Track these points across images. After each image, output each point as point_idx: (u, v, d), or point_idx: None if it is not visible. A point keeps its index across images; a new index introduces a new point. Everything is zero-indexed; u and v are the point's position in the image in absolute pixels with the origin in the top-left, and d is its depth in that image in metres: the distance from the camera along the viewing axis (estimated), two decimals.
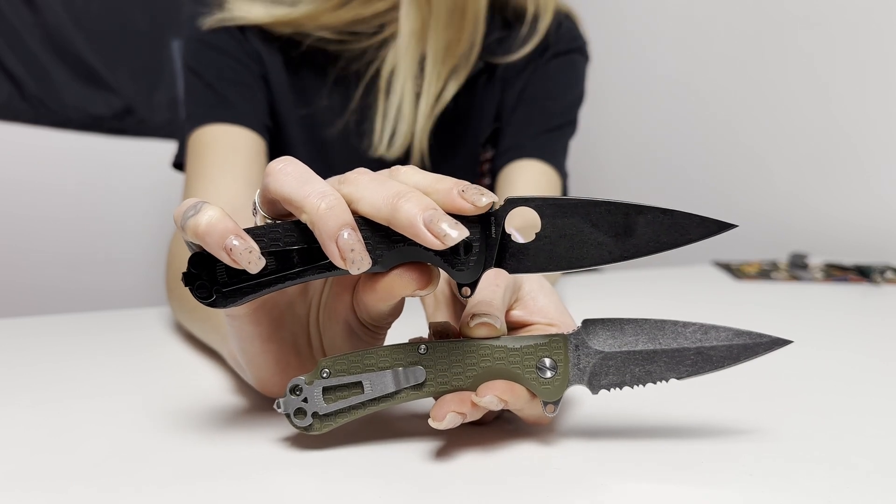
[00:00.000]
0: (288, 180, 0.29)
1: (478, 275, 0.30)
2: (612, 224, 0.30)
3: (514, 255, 0.31)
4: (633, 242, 0.30)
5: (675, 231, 0.30)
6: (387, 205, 0.29)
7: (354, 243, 0.28)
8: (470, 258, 0.30)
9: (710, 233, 0.30)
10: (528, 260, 0.31)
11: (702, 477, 0.31)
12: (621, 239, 0.30)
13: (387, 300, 0.31)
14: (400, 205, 0.28)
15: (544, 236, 0.31)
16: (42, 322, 0.60)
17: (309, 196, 0.29)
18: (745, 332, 0.33)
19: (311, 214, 0.28)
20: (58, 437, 0.35)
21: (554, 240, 0.30)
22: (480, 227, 0.30)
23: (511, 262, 0.31)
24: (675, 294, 0.78)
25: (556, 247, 0.30)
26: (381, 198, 0.29)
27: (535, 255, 0.31)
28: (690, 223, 0.30)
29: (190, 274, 0.30)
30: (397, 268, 0.30)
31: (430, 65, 0.67)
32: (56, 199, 1.35)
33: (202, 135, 0.66)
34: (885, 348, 0.54)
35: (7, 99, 1.29)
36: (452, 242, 0.28)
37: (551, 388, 0.32)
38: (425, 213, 0.28)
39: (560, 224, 0.30)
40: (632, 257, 0.30)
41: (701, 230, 0.30)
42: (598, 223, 0.30)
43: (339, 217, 0.28)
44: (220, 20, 0.68)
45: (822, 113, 1.10)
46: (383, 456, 0.33)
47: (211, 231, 0.28)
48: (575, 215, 0.30)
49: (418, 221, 0.28)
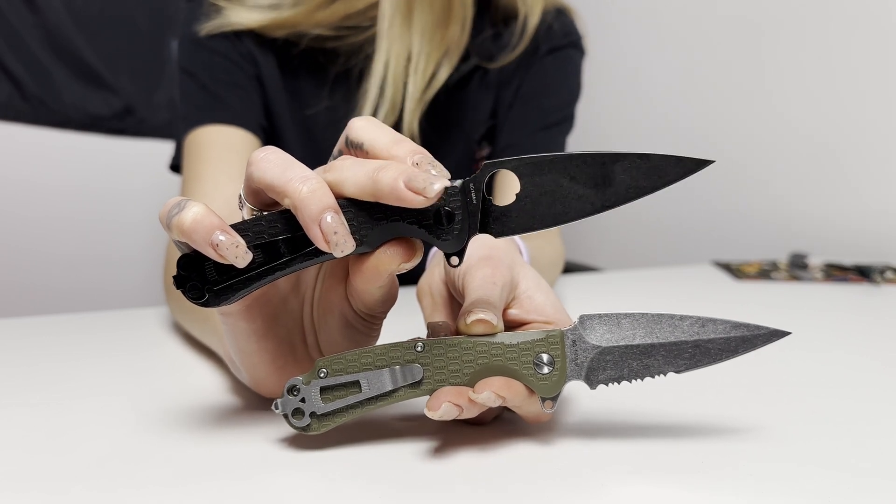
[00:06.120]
0: (270, 167, 0.30)
1: (463, 243, 0.31)
2: (591, 175, 0.30)
3: (498, 219, 0.31)
4: (613, 191, 0.30)
5: (653, 174, 0.30)
6: (368, 179, 0.29)
7: (337, 226, 0.28)
8: (453, 227, 0.30)
9: (688, 171, 0.30)
10: (511, 221, 0.31)
11: (702, 478, 0.31)
12: (601, 189, 0.30)
13: (376, 279, 0.31)
14: (380, 176, 0.29)
15: (525, 196, 0.31)
16: (42, 322, 0.60)
17: (291, 181, 0.29)
18: (743, 325, 0.33)
19: (293, 199, 0.29)
20: (57, 437, 0.35)
21: (535, 198, 0.31)
22: (461, 195, 0.30)
23: (495, 226, 0.31)
24: (675, 294, 0.78)
25: (538, 205, 0.31)
26: (362, 174, 0.29)
27: (517, 216, 0.31)
28: (667, 164, 0.30)
29: (180, 276, 0.30)
30: (381, 245, 0.30)
31: (417, 47, 0.66)
32: (56, 199, 1.36)
33: (198, 136, 0.66)
34: (886, 348, 0.54)
35: (7, 99, 1.29)
36: (435, 193, 0.28)
37: (549, 383, 0.32)
38: (404, 174, 0.28)
39: (539, 182, 0.30)
40: (613, 205, 0.30)
41: (678, 170, 0.30)
42: (577, 176, 0.30)
43: (321, 200, 0.28)
44: (215, 27, 0.68)
45: (821, 113, 1.10)
46: (382, 456, 0.32)
47: (196, 228, 0.28)
48: (552, 171, 0.30)
49: (399, 185, 0.28)
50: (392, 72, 0.66)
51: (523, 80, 0.75)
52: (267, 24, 0.68)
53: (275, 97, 0.71)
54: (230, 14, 0.68)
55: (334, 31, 0.68)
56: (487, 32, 0.74)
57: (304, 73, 0.72)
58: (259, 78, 0.71)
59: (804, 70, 1.12)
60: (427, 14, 0.65)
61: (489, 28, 0.74)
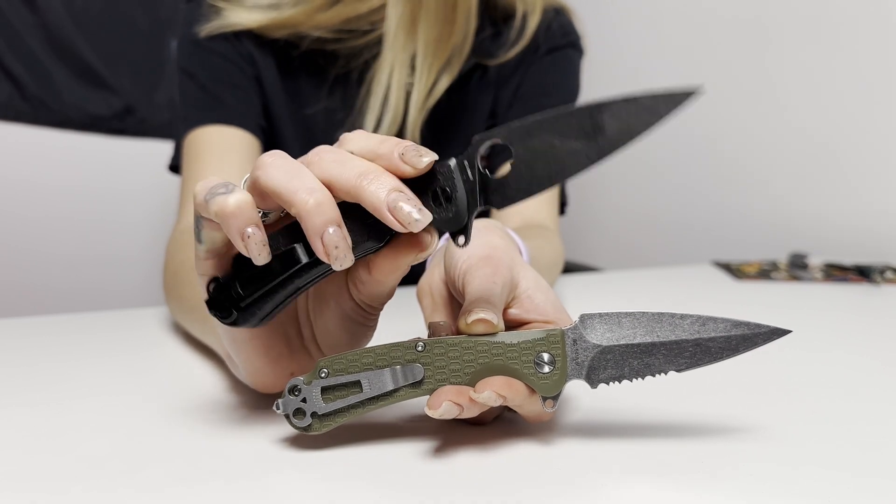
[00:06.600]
0: (278, 174, 0.30)
1: (465, 219, 0.31)
2: (581, 128, 0.30)
3: (497, 190, 0.31)
4: (606, 139, 0.30)
5: (643, 114, 0.30)
6: (353, 186, 0.29)
7: (339, 241, 0.29)
8: (452, 205, 0.30)
9: (678, 102, 0.30)
10: (510, 190, 0.31)
11: (702, 478, 0.31)
12: (593, 140, 0.30)
13: (395, 270, 0.32)
14: (364, 186, 0.29)
15: (520, 162, 0.31)
16: (42, 322, 0.60)
17: (298, 191, 0.29)
18: (744, 323, 0.33)
19: (298, 210, 0.29)
20: (57, 437, 0.35)
21: (529, 163, 0.31)
22: (458, 172, 0.30)
23: (496, 197, 0.31)
24: (675, 294, 0.78)
25: (534, 168, 0.31)
26: (347, 179, 0.29)
27: (515, 183, 0.31)
28: (656, 101, 0.29)
29: (213, 299, 0.32)
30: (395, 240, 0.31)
31: (420, 57, 0.67)
32: (56, 199, 1.36)
33: (197, 136, 0.67)
34: (886, 348, 0.54)
35: (7, 99, 1.29)
36: (417, 228, 0.29)
37: (550, 382, 0.32)
38: (389, 196, 0.29)
39: (531, 145, 0.30)
40: (609, 153, 0.30)
41: (668, 104, 0.30)
42: (567, 132, 0.30)
43: (325, 214, 0.29)
44: (215, 27, 0.68)
45: (821, 113, 1.10)
46: (382, 456, 0.32)
47: (237, 214, 0.29)
48: (542, 133, 0.30)
49: (383, 206, 0.29)
50: (396, 81, 0.66)
51: (522, 80, 0.75)
52: (267, 25, 0.68)
53: (274, 98, 0.72)
54: (230, 15, 0.68)
55: (335, 33, 0.68)
56: (487, 32, 0.74)
57: (304, 75, 0.72)
58: (258, 79, 0.71)
59: (804, 70, 1.12)
60: (431, 24, 0.66)
61: (489, 27, 0.75)
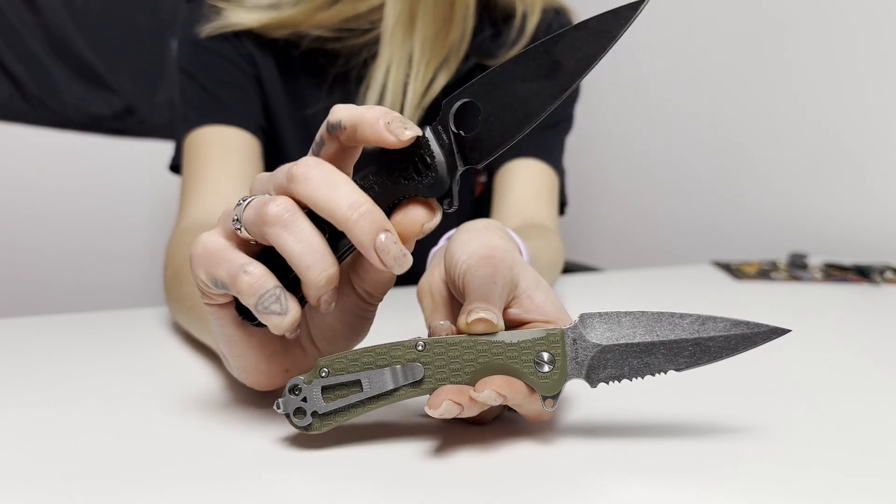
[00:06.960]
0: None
1: (447, 182, 0.31)
2: (538, 68, 0.30)
3: (472, 147, 0.32)
4: (566, 71, 0.30)
5: (596, 38, 0.30)
6: (343, 220, 0.30)
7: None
8: (431, 170, 0.31)
9: (628, 18, 0.30)
10: (484, 144, 0.31)
11: (702, 478, 0.31)
12: (553, 75, 0.30)
13: None
14: (354, 221, 0.30)
15: (488, 115, 0.31)
16: (42, 322, 0.60)
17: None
18: (743, 322, 0.33)
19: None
20: (57, 437, 0.35)
21: (498, 113, 0.31)
22: (433, 139, 0.31)
23: (473, 154, 0.32)
24: (675, 294, 0.78)
25: (503, 118, 0.31)
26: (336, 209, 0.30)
27: (488, 137, 0.31)
28: (605, 23, 0.30)
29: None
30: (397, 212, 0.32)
31: (418, 54, 0.67)
32: (56, 198, 1.36)
33: (197, 136, 0.67)
34: (886, 348, 0.54)
35: (7, 99, 1.29)
36: (399, 271, 0.30)
37: (550, 382, 0.32)
38: (377, 239, 0.30)
39: (495, 96, 0.31)
40: (572, 84, 0.30)
41: (618, 21, 0.30)
42: (526, 75, 0.31)
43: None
44: (215, 28, 0.68)
45: (821, 113, 1.10)
46: (383, 455, 0.32)
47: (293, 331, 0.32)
48: (503, 82, 0.31)
49: (370, 248, 0.30)
50: (392, 78, 0.66)
51: None
52: (267, 24, 0.68)
53: (274, 98, 0.72)
54: (230, 15, 0.68)
55: (335, 32, 0.68)
56: (487, 32, 0.74)
57: (304, 75, 0.72)
58: (258, 79, 0.71)
59: (804, 70, 1.12)
60: (429, 22, 0.66)
61: (489, 27, 0.75)
